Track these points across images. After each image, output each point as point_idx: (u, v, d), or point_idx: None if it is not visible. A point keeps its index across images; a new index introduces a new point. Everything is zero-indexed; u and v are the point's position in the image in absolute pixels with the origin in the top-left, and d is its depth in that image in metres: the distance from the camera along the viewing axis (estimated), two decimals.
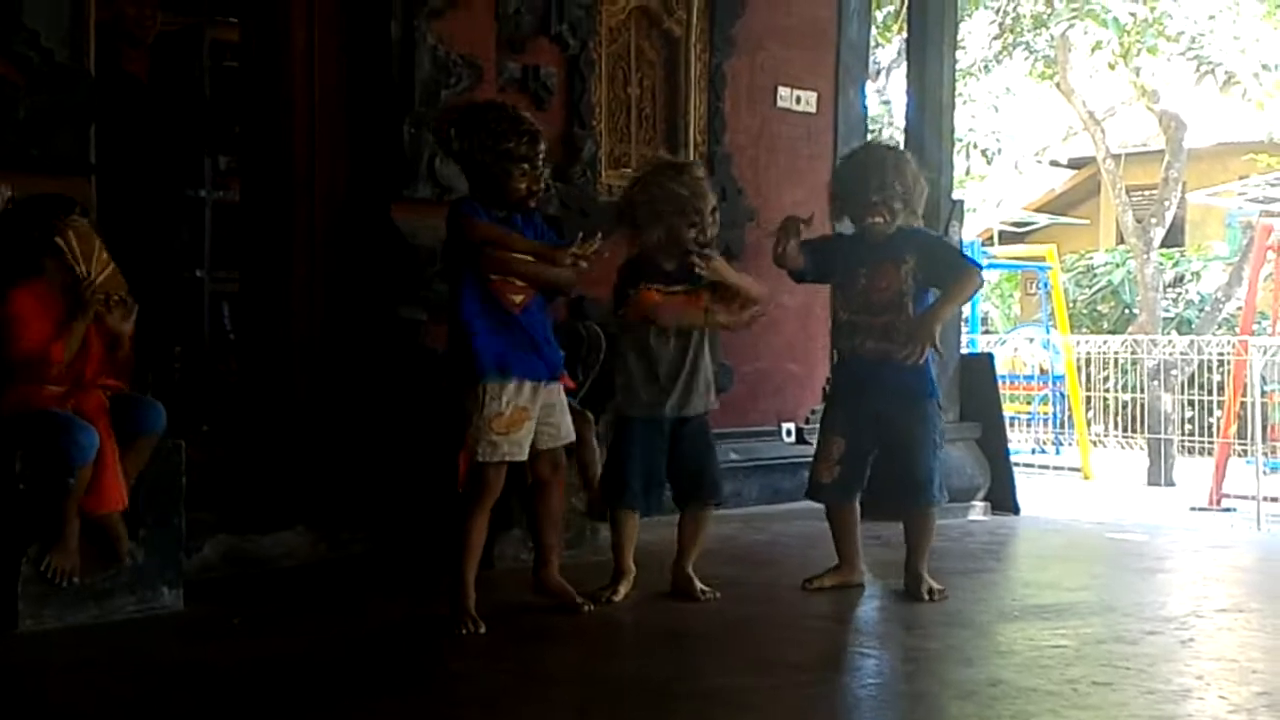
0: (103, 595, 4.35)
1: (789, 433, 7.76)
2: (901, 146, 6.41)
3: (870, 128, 14.62)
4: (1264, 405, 10.95)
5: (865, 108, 8.71)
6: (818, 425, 7.71)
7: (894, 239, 4.86)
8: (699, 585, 4.80)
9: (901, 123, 9.68)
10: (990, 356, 8.30)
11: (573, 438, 4.66)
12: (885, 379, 4.84)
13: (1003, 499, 7.33)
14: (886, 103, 16.73)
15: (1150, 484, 12.92)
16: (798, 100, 7.85)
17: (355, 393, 5.70)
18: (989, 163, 18.46)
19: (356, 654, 4.13)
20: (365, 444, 5.48)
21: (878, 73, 17.21)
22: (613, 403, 5.01)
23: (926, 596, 4.84)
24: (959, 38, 15.54)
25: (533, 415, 4.43)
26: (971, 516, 7.12)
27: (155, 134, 6.06)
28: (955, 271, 4.91)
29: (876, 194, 4.80)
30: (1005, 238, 19.31)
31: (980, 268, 5.22)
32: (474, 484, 4.41)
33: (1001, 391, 11.69)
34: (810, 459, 7.15)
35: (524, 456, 4.43)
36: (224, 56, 7.06)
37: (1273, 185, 13.71)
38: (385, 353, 5.68)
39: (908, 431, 4.87)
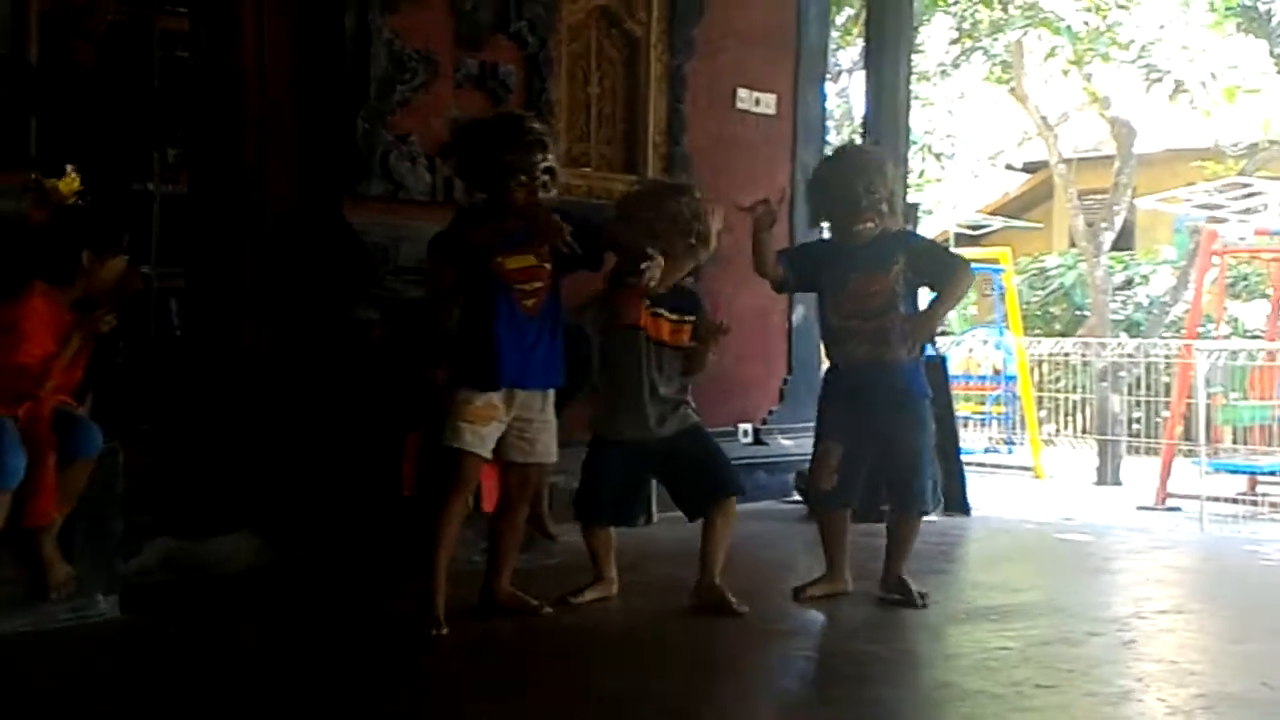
0: (34, 603, 4.24)
1: (746, 434, 7.81)
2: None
3: (830, 129, 14.79)
4: (1208, 407, 11.09)
5: (824, 110, 8.77)
6: (774, 428, 7.88)
7: (880, 242, 4.83)
8: (730, 598, 4.70)
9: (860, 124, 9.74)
10: (944, 359, 8.37)
11: (551, 460, 4.62)
12: (880, 383, 4.82)
13: (955, 500, 7.41)
14: (847, 104, 16.85)
15: (1099, 483, 13.05)
16: (757, 102, 7.90)
17: (304, 393, 5.64)
18: (942, 166, 18.61)
19: (299, 664, 4.10)
20: (313, 445, 5.41)
21: (839, 74, 17.32)
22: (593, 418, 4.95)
23: (918, 602, 4.81)
24: (918, 42, 15.72)
25: (502, 417, 4.43)
26: (931, 516, 7.17)
27: (101, 126, 6.00)
28: (948, 270, 4.89)
29: (866, 198, 4.77)
30: (961, 240, 19.39)
31: (969, 265, 5.19)
32: (446, 475, 4.41)
33: (956, 392, 11.85)
34: (769, 460, 7.21)
35: (484, 452, 4.42)
36: (175, 47, 7.00)
37: (1220, 192, 13.87)
38: (335, 352, 5.64)
39: (905, 438, 4.85)
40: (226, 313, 5.81)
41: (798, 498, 7.49)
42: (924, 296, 5.02)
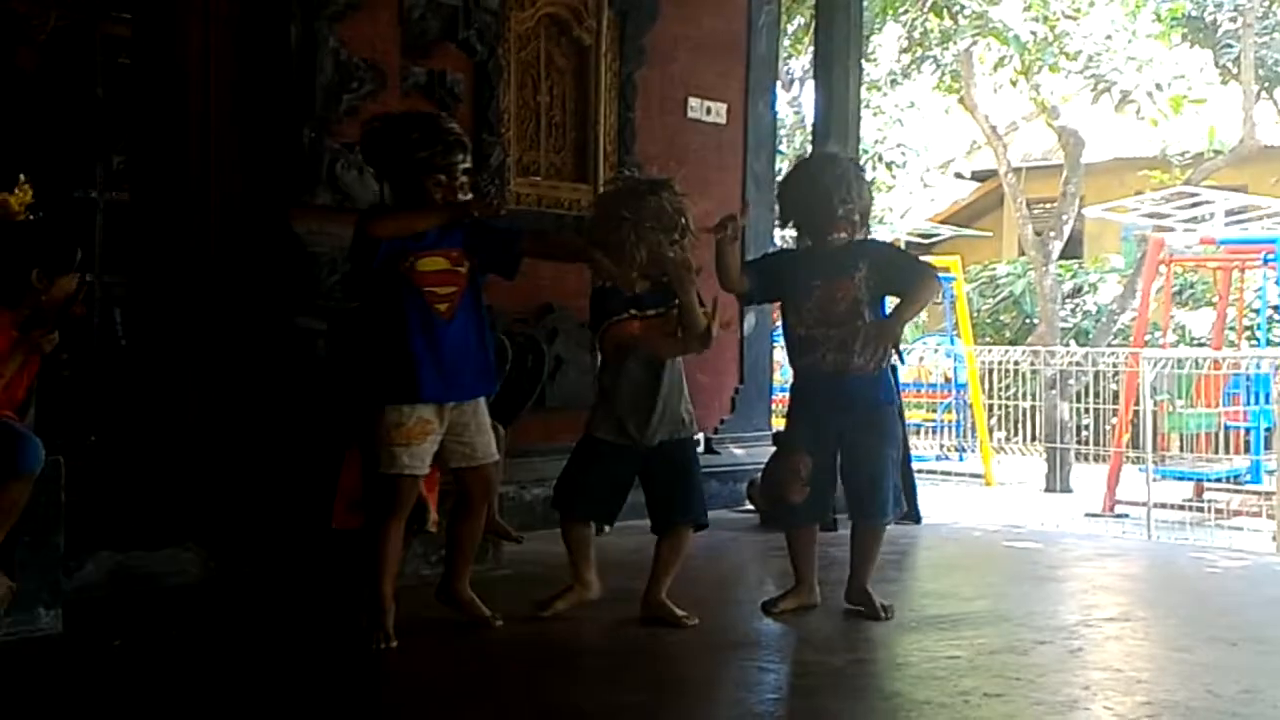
0: None
1: (698, 443, 7.79)
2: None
3: (781, 138, 14.83)
4: (1155, 415, 11.19)
5: (775, 119, 8.79)
6: (726, 437, 7.88)
7: (845, 249, 4.80)
8: (676, 610, 4.67)
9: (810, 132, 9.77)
10: (894, 368, 8.38)
11: (494, 457, 4.56)
12: (846, 392, 4.78)
13: (907, 509, 7.42)
14: (799, 113, 16.92)
15: (1048, 490, 13.15)
16: (708, 111, 7.90)
17: (250, 404, 5.58)
18: (893, 175, 18.70)
19: (247, 678, 4.06)
20: (258, 457, 5.35)
21: (791, 82, 17.39)
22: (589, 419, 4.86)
23: (882, 614, 4.77)
24: (869, 51, 15.80)
25: (437, 430, 4.37)
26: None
27: (43, 132, 5.93)
28: (913, 276, 4.86)
29: (841, 208, 4.75)
30: (911, 249, 19.51)
31: (935, 271, 5.17)
32: (385, 500, 4.34)
33: (907, 400, 11.91)
34: (719, 469, 7.19)
35: (424, 471, 4.38)
36: (117, 53, 6.92)
37: (1166, 201, 14.01)
38: (281, 363, 5.58)
39: (871, 447, 4.80)
40: (171, 323, 5.74)
41: (749, 507, 7.49)
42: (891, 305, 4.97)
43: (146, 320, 5.92)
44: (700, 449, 7.69)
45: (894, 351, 4.85)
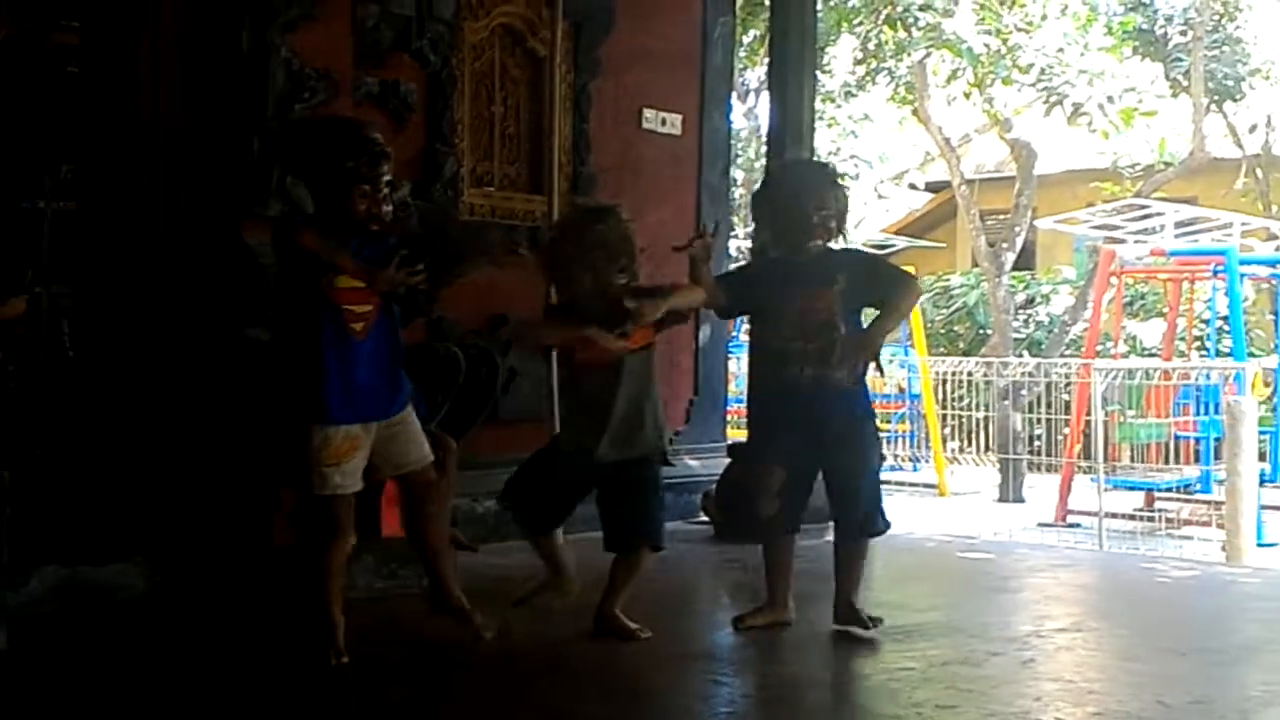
0: None
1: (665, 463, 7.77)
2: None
3: (737, 149, 14.87)
4: (1106, 425, 11.27)
5: (730, 130, 8.81)
6: (680, 448, 7.86)
7: (823, 260, 4.69)
8: (629, 624, 4.60)
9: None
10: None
11: (428, 459, 4.46)
12: (824, 405, 4.64)
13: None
14: (755, 123, 16.98)
15: (1001, 500, 13.23)
16: (663, 122, 7.90)
17: (198, 417, 5.50)
18: (847, 187, 18.78)
19: (199, 693, 4.02)
20: (206, 470, 5.29)
21: (746, 93, 17.45)
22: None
23: (868, 625, 4.68)
24: (823, 62, 15.88)
25: (365, 445, 4.27)
26: (828, 537, 7.17)
27: None
28: (893, 285, 4.76)
29: (818, 215, 4.65)
30: None
31: (916, 279, 5.03)
32: (324, 523, 4.26)
33: None
34: (673, 481, 7.15)
35: (357, 488, 4.29)
36: (66, 62, 6.85)
37: (1117, 213, 14.14)
38: (230, 375, 5.51)
39: (852, 462, 4.69)
40: (119, 334, 5.68)
41: (704, 519, 7.49)
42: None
43: (94, 331, 5.84)
44: None
45: (874, 363, 4.69)
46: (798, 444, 4.70)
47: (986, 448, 14.08)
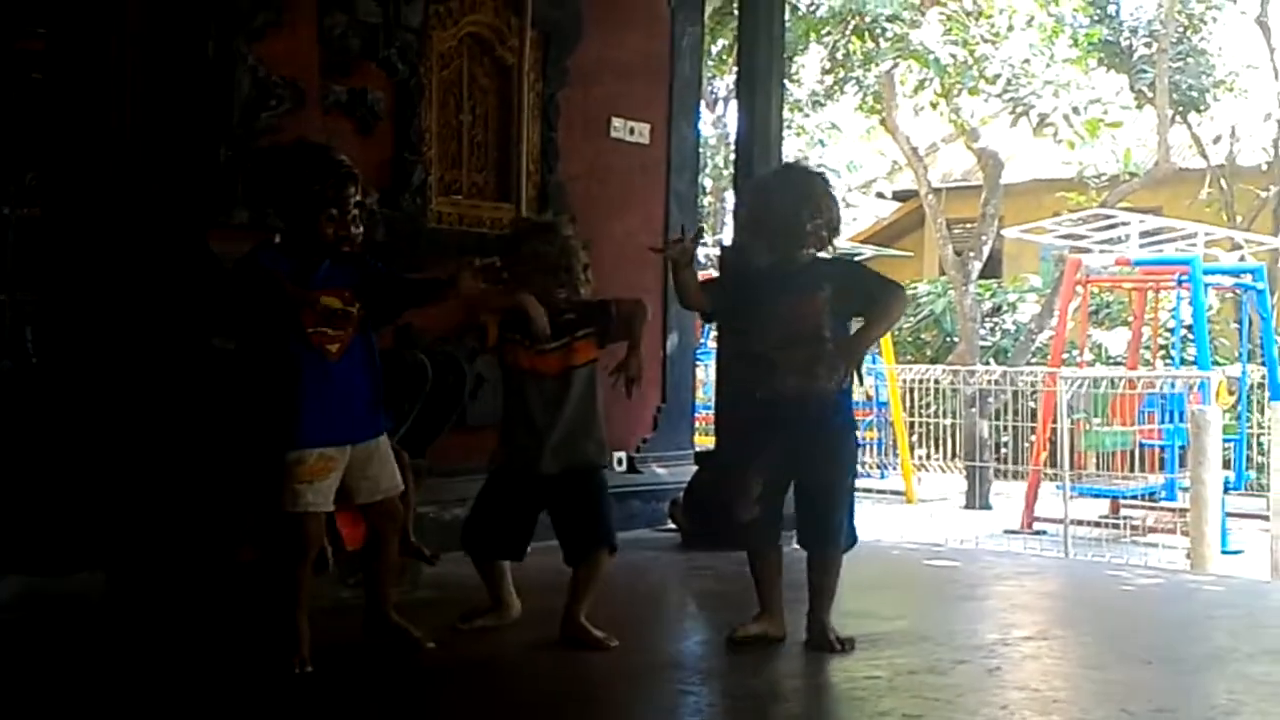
0: None
1: (620, 462, 7.79)
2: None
3: (705, 158, 14.90)
4: (1072, 433, 11.33)
5: (698, 139, 8.83)
6: (648, 455, 7.87)
7: (810, 268, 4.66)
8: (595, 632, 4.63)
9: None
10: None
11: (398, 488, 4.48)
12: (806, 415, 4.61)
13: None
14: (724, 131, 17.02)
15: (968, 507, 13.28)
16: (631, 131, 7.90)
17: (164, 425, 5.46)
18: None
19: (164, 703, 4.01)
20: (171, 479, 5.26)
21: (715, 102, 17.49)
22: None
23: (837, 647, 4.61)
24: (791, 72, 15.92)
25: (338, 466, 4.27)
26: (794, 545, 7.20)
27: None
28: (880, 294, 4.69)
29: (811, 223, 4.62)
30: None
31: (904, 288, 4.95)
32: (293, 540, 4.26)
33: None
34: (640, 488, 7.16)
35: (329, 507, 4.29)
36: (30, 69, 6.81)
37: (1083, 223, 14.23)
38: (195, 384, 5.48)
39: (827, 473, 4.65)
40: (82, 341, 5.63)
41: (671, 526, 7.49)
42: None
43: (58, 338, 5.80)
44: (622, 468, 7.74)
45: (855, 371, 4.65)
46: (776, 452, 4.67)
47: (953, 455, 14.13)
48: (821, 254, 4.73)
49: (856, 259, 20.26)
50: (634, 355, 4.66)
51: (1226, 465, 11.53)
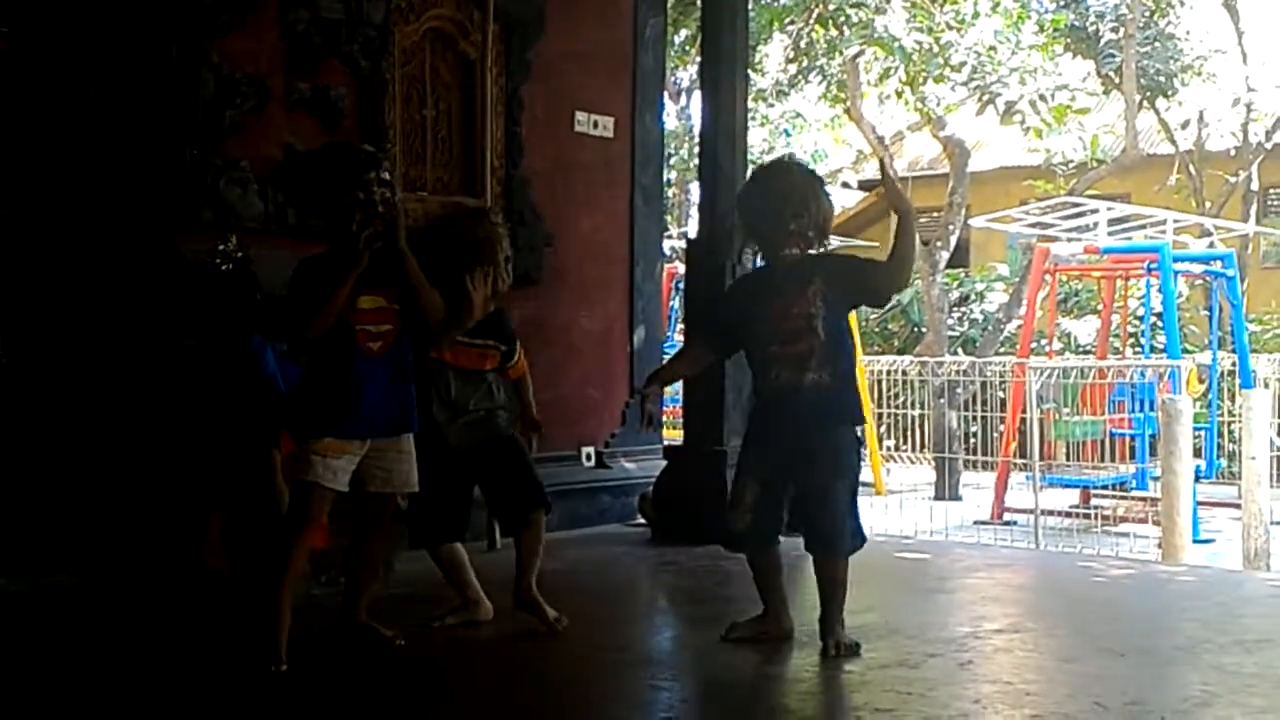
0: None
1: (589, 457, 7.77)
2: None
3: (670, 150, 14.86)
4: (1041, 423, 11.35)
5: (663, 131, 8.79)
6: (616, 450, 7.85)
7: (800, 267, 4.62)
8: (549, 611, 4.74)
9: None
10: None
11: (411, 487, 4.52)
12: (799, 410, 4.56)
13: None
14: (688, 122, 16.98)
15: (937, 498, 13.27)
16: (595, 125, 7.87)
17: (133, 428, 5.45)
18: None
19: (140, 705, 3.98)
20: (141, 484, 5.26)
21: (679, 92, 17.45)
22: None
23: (834, 651, 4.52)
24: (755, 61, 15.89)
25: (356, 452, 4.33)
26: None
27: None
28: (871, 269, 4.68)
29: (794, 222, 4.57)
30: None
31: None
32: (295, 511, 4.33)
33: None
34: (610, 483, 7.17)
35: (341, 487, 4.33)
36: None
37: (1051, 210, 14.24)
38: (165, 386, 5.46)
39: (820, 473, 4.58)
40: (53, 343, 5.58)
41: (641, 521, 7.47)
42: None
43: (29, 340, 5.74)
44: (591, 463, 7.73)
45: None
46: (771, 454, 4.65)
47: (922, 446, 14.14)
48: (812, 252, 4.66)
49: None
50: (528, 413, 4.98)
51: (1197, 454, 11.57)
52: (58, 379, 5.56)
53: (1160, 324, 13.59)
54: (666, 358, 7.77)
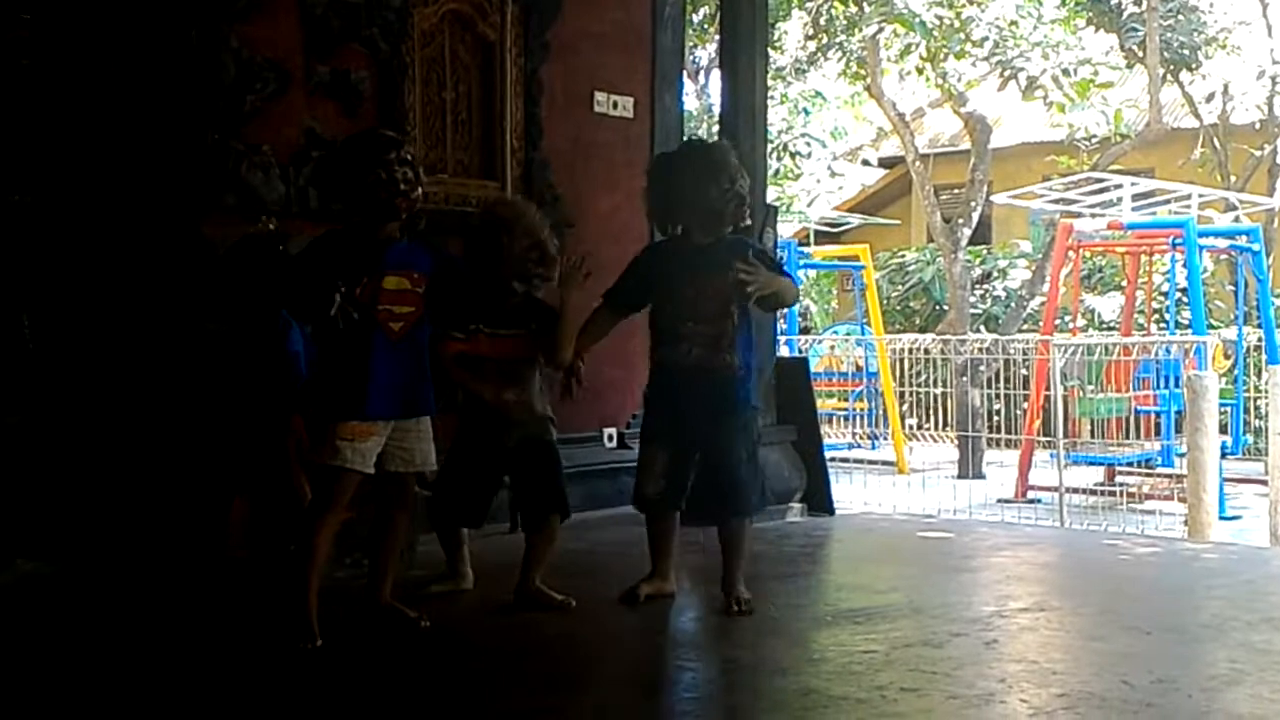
0: None
1: (610, 438, 7.76)
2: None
3: (690, 129, 14.79)
4: (1065, 400, 11.30)
5: (682, 111, 8.76)
6: (638, 432, 7.83)
7: (719, 246, 4.75)
8: (554, 596, 4.84)
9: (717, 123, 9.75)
10: (805, 360, 8.44)
11: (430, 467, 4.59)
12: (703, 389, 4.75)
13: (818, 500, 7.45)
14: (707, 101, 16.92)
15: (961, 476, 13.24)
16: (614, 105, 7.84)
17: (160, 413, 5.47)
18: (798, 165, 18.76)
19: (173, 683, 4.00)
20: (167, 471, 5.27)
21: (697, 71, 17.39)
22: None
23: (735, 608, 4.75)
24: (774, 39, 15.82)
25: (381, 433, 4.38)
26: (788, 519, 7.21)
27: None
28: (779, 274, 4.88)
29: (720, 199, 4.70)
30: (820, 238, 19.62)
31: (797, 283, 5.15)
32: (320, 496, 4.38)
33: (819, 389, 11.92)
34: (633, 465, 7.17)
35: (368, 469, 4.37)
36: (19, 57, 6.75)
37: (1074, 186, 14.16)
38: (190, 371, 5.48)
39: (723, 442, 4.79)
40: (78, 330, 5.60)
41: None
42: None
43: (54, 326, 5.77)
44: (613, 444, 7.71)
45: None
46: (678, 425, 4.83)
47: (945, 424, 14.10)
48: (733, 232, 4.83)
49: (839, 227, 20.31)
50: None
51: (1223, 430, 11.51)
52: (83, 365, 5.58)
53: (1185, 300, 13.50)
54: None
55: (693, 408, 4.79)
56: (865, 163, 22.18)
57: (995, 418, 13.68)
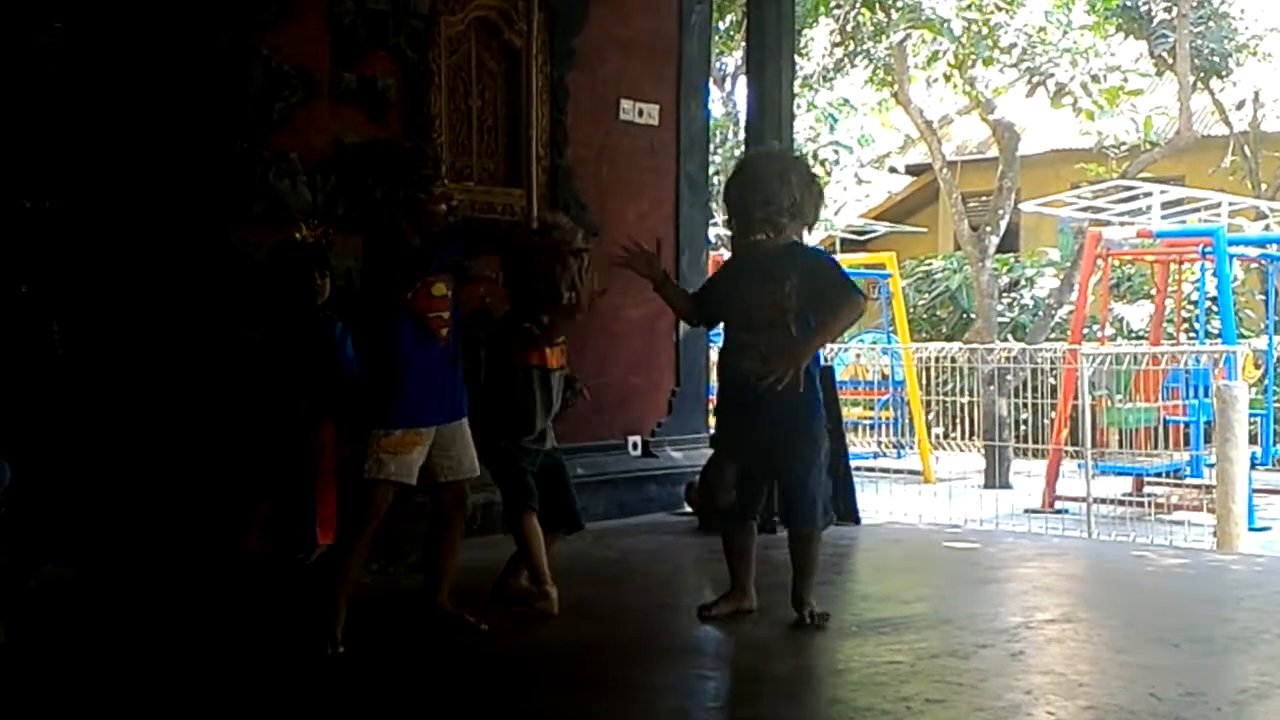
0: None
1: (635, 446, 7.76)
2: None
3: (715, 137, 14.78)
4: (1093, 410, 11.22)
5: (708, 119, 8.75)
6: (663, 439, 7.84)
7: (778, 255, 4.71)
8: (533, 587, 4.95)
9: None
10: (831, 369, 8.38)
11: (476, 472, 4.65)
12: (766, 400, 4.65)
13: (844, 510, 7.41)
14: (734, 108, 16.89)
15: (987, 486, 13.14)
16: (640, 113, 7.85)
17: (186, 417, 5.51)
18: (828, 173, 18.69)
19: (202, 685, 4.02)
20: (192, 473, 5.31)
21: (724, 79, 17.35)
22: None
23: (808, 620, 4.75)
24: (801, 46, 15.78)
25: (424, 443, 4.42)
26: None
27: None
28: (835, 297, 4.71)
29: (760, 210, 4.68)
30: (846, 245, 19.56)
31: (863, 295, 5.00)
32: (361, 507, 4.42)
33: (844, 397, 11.86)
34: (658, 472, 7.19)
35: (411, 481, 4.41)
36: (51, 65, 6.79)
37: (1103, 194, 14.07)
38: (217, 376, 5.50)
39: (791, 454, 4.75)
40: (107, 336, 5.63)
41: (688, 510, 7.45)
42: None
43: (83, 332, 5.79)
44: (637, 452, 7.71)
45: (796, 377, 4.66)
46: (747, 438, 4.80)
47: (972, 434, 14.01)
48: (796, 241, 4.82)
49: (866, 235, 20.23)
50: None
51: (1253, 440, 11.40)
52: (112, 370, 5.61)
53: (1215, 309, 13.40)
54: (713, 348, 7.79)
55: (758, 419, 4.73)
56: (892, 170, 22.07)
57: (1022, 427, 13.60)
